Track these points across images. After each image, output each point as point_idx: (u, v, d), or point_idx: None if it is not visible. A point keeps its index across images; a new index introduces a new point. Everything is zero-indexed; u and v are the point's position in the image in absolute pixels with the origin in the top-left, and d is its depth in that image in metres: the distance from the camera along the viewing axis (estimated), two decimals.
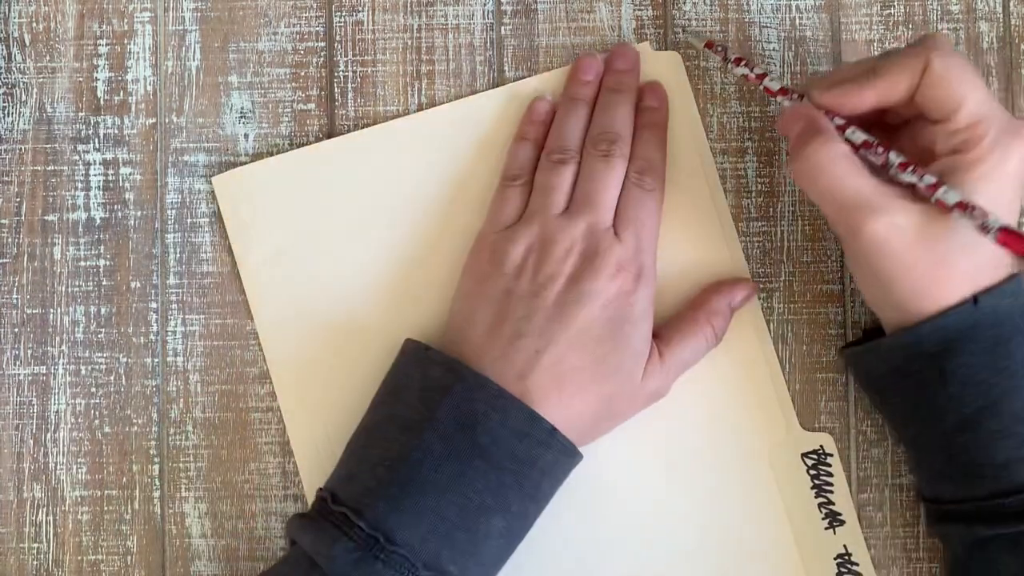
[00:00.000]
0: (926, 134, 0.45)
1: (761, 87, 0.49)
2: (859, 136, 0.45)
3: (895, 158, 0.44)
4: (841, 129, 0.46)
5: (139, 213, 0.53)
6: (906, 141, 0.47)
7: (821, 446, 0.51)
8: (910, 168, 0.44)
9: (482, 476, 0.44)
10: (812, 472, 0.51)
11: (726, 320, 0.50)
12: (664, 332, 0.50)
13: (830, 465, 0.51)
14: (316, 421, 0.51)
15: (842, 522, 0.51)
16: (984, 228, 0.42)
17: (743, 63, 0.50)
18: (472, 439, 0.45)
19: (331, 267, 0.52)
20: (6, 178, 0.53)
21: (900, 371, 0.46)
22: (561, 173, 0.50)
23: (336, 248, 0.52)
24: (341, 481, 0.46)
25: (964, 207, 0.42)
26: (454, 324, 0.49)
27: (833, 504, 0.51)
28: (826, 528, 0.51)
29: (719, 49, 0.51)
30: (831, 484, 0.51)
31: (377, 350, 0.51)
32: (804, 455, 0.51)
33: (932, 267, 0.44)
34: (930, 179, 0.43)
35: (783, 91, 0.48)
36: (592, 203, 0.49)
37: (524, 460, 0.45)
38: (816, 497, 0.51)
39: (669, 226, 0.52)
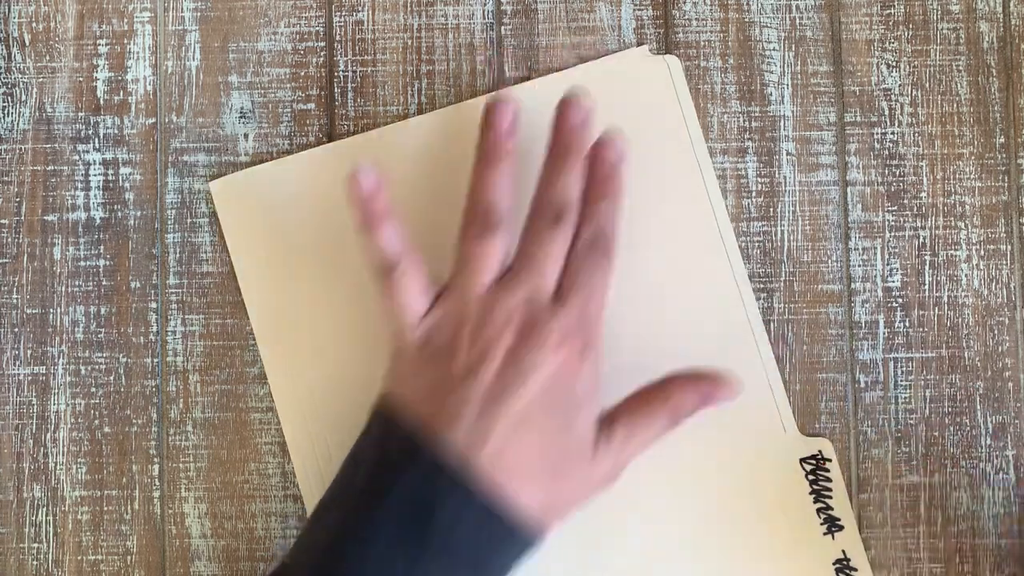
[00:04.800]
0: None
1: None
2: None
3: None
4: None
5: (139, 213, 0.53)
6: None
7: (819, 451, 0.51)
8: None
9: (435, 568, 0.42)
10: (810, 477, 0.51)
11: (690, 416, 0.46)
12: (618, 413, 0.46)
13: (828, 470, 0.51)
14: (313, 425, 0.51)
15: (841, 527, 0.50)
16: None
17: None
18: (423, 529, 0.42)
19: (329, 272, 0.52)
20: (6, 178, 0.53)
21: None
22: (488, 244, 0.46)
23: (334, 253, 0.52)
24: (297, 553, 0.44)
25: None
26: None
27: (832, 509, 0.50)
28: (824, 533, 0.50)
29: None
30: (830, 489, 0.51)
31: (373, 355, 0.51)
32: (802, 460, 0.51)
33: None
34: None
35: None
36: (535, 270, 0.45)
37: (477, 553, 0.42)
38: (815, 502, 0.51)
39: (667, 232, 0.52)
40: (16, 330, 0.53)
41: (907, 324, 0.52)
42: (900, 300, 0.52)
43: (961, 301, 0.52)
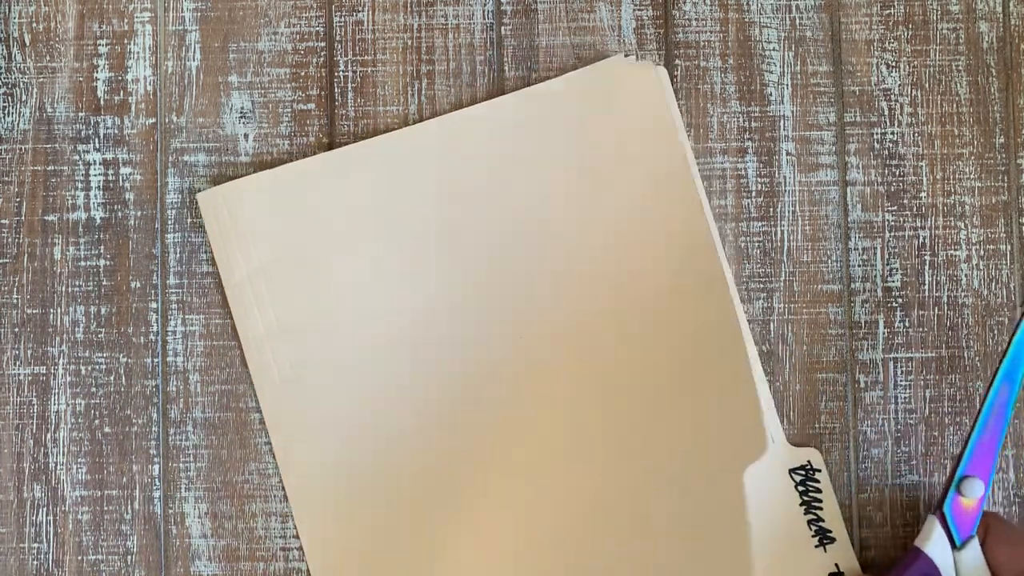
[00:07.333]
0: None
1: None
2: None
3: None
4: None
5: (139, 213, 0.53)
6: None
7: (809, 461, 0.50)
8: None
9: None
10: (800, 488, 0.50)
11: None
12: None
13: (818, 481, 0.50)
14: (301, 433, 0.51)
15: (832, 539, 0.50)
16: None
17: None
18: None
19: (317, 284, 0.51)
20: (6, 178, 0.53)
21: None
22: None
23: (323, 264, 0.51)
24: None
25: None
26: None
27: (823, 521, 0.50)
28: (816, 546, 0.50)
29: None
30: (820, 500, 0.50)
31: (363, 364, 0.51)
32: (792, 471, 0.50)
33: None
34: None
35: None
36: None
37: None
38: (805, 514, 0.50)
39: (657, 239, 0.51)
40: (16, 330, 0.53)
41: (907, 324, 0.52)
42: (900, 300, 0.52)
43: (961, 301, 0.52)
